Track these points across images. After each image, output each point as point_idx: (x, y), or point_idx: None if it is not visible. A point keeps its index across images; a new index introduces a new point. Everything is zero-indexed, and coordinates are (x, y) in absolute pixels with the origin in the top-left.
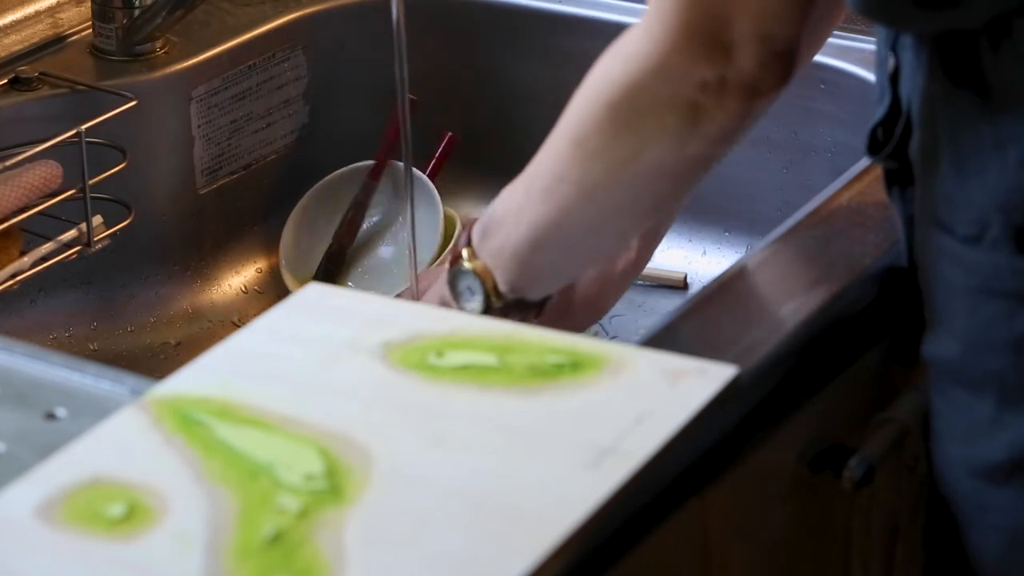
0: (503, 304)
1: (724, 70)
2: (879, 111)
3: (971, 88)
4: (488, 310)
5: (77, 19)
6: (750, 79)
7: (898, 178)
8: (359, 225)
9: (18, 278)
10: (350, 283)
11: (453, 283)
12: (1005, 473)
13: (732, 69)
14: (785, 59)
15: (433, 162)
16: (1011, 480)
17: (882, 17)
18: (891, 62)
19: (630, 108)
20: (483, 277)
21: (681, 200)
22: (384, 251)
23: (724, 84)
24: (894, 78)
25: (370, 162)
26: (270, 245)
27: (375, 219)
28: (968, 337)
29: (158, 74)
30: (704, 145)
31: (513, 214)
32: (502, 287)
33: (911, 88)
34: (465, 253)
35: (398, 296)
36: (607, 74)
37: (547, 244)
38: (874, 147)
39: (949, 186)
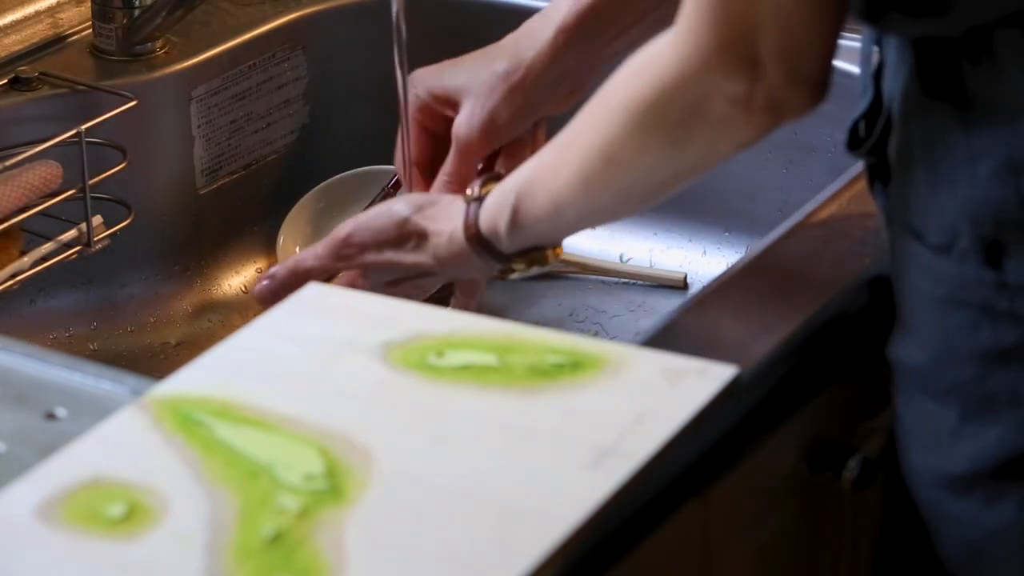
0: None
1: (753, 86)
2: (861, 105)
3: (948, 97)
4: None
5: (77, 19)
6: (778, 97)
7: (880, 174)
8: None
9: (18, 278)
10: None
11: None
12: (966, 484)
13: (760, 86)
14: (814, 80)
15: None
16: (972, 491)
17: (865, 18)
18: (875, 58)
19: (660, 121)
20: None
21: None
22: None
23: (753, 100)
24: (877, 74)
25: (373, 167)
26: (270, 245)
27: None
28: (934, 346)
29: (158, 74)
30: (731, 152)
31: (546, 219)
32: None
33: (893, 86)
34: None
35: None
36: (634, 87)
37: (571, 228)
38: (854, 142)
39: (921, 193)
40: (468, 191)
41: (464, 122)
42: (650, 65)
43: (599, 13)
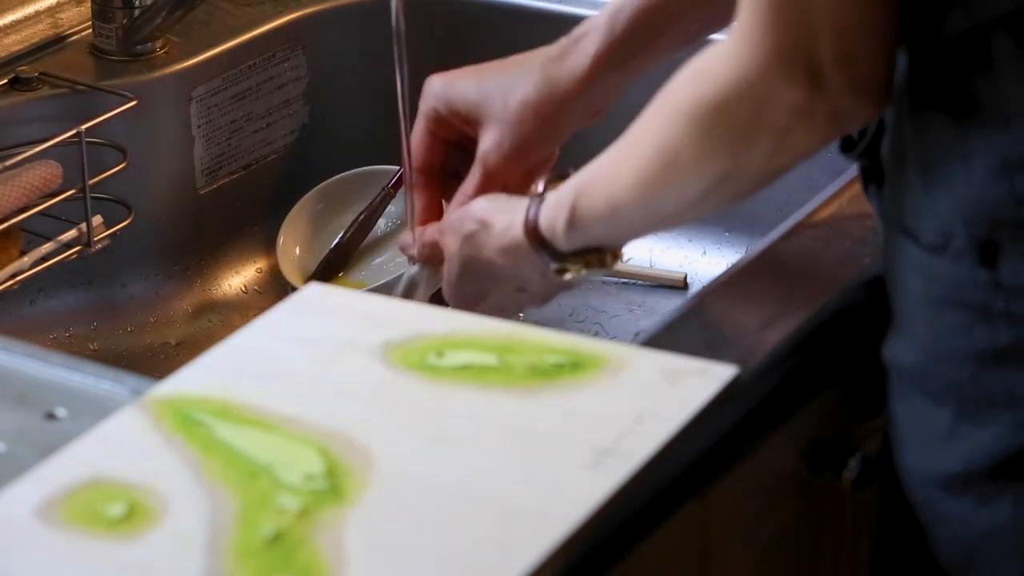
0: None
1: (814, 95)
2: None
3: (942, 98)
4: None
5: (77, 19)
6: (839, 104)
7: (874, 176)
8: (371, 227)
9: (18, 278)
10: (349, 277)
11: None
12: (961, 484)
13: (822, 95)
14: (875, 86)
15: None
16: (967, 491)
17: None
18: None
19: (720, 128)
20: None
21: None
22: (386, 254)
23: (813, 108)
24: None
25: (373, 167)
26: (270, 245)
27: (382, 223)
28: (928, 346)
29: (158, 74)
30: (795, 159)
31: (603, 220)
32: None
33: None
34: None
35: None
36: (694, 93)
37: (629, 232)
38: (847, 144)
39: (915, 193)
40: (532, 187)
41: (493, 150)
42: (709, 71)
43: (634, 42)
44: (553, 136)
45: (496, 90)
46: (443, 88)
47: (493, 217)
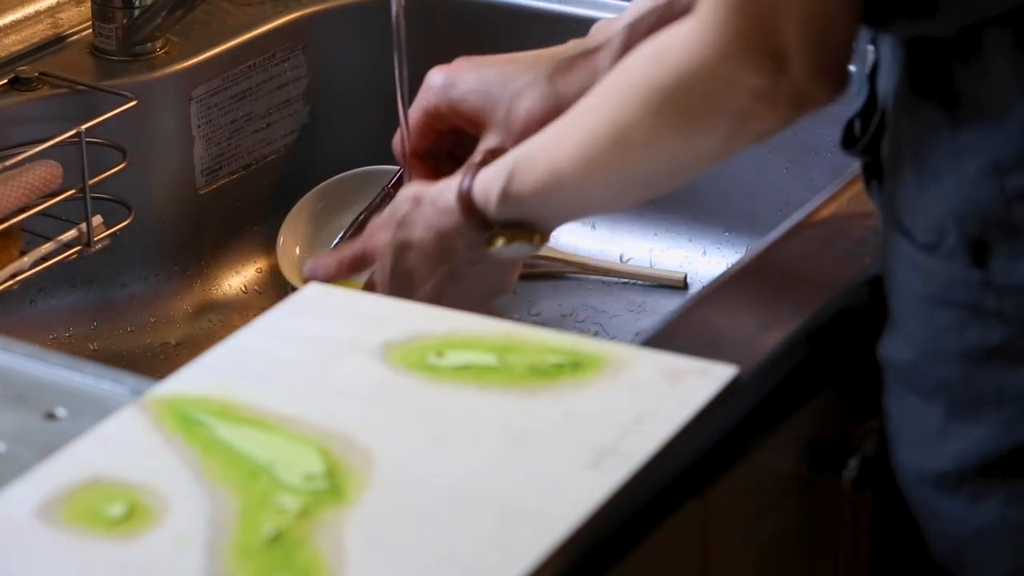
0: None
1: (777, 79)
2: (855, 104)
3: (937, 96)
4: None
5: (77, 19)
6: (801, 89)
7: (875, 173)
8: None
9: (18, 278)
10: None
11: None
12: (953, 482)
13: (784, 78)
14: (837, 71)
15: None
16: (958, 489)
17: (873, 23)
18: (870, 56)
19: (678, 109)
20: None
21: None
22: None
23: (776, 92)
24: (873, 73)
25: (373, 167)
26: (270, 245)
27: None
28: (921, 344)
29: (158, 74)
30: (748, 143)
31: (540, 191)
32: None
33: (887, 85)
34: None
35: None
36: (652, 72)
37: (564, 209)
38: (849, 140)
39: (910, 191)
40: (470, 158)
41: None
42: (670, 51)
43: None
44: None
45: (501, 96)
46: (445, 86)
47: (426, 191)
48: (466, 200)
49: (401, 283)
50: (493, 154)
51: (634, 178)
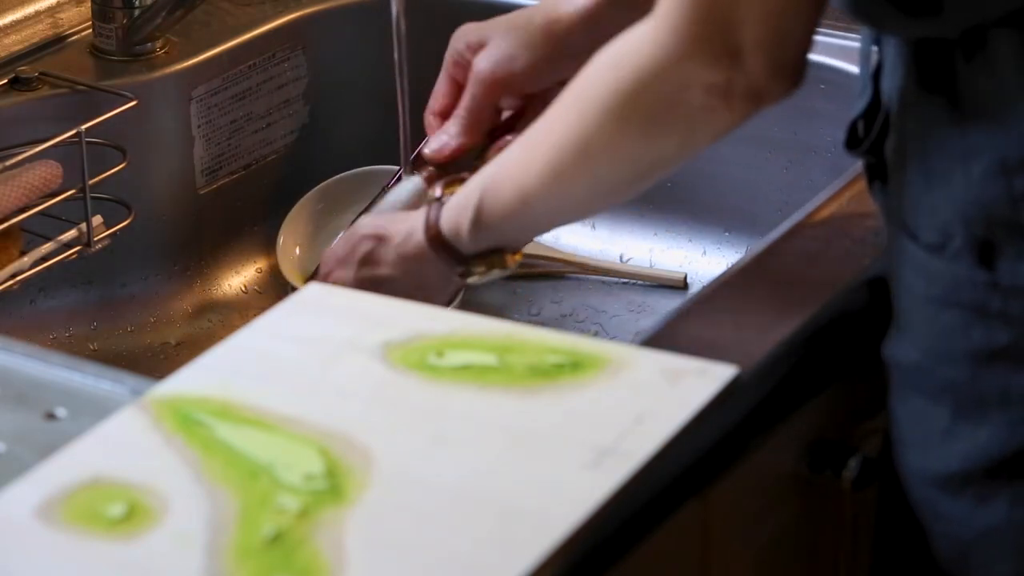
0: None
1: (733, 75)
2: (859, 105)
3: (943, 96)
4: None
5: (77, 19)
6: (758, 85)
7: (878, 173)
8: None
9: (18, 278)
10: None
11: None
12: (958, 483)
13: (741, 74)
14: (793, 66)
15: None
16: (964, 490)
17: (863, 18)
18: (874, 57)
19: (637, 111)
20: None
21: None
22: None
23: (732, 88)
24: (876, 73)
25: (373, 167)
26: (270, 245)
27: None
28: (927, 345)
29: (158, 74)
30: (709, 141)
31: (512, 215)
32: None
33: (891, 85)
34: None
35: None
36: (610, 80)
37: (538, 225)
38: (853, 141)
39: (916, 191)
40: (430, 192)
41: (484, 56)
42: (626, 57)
43: None
44: (548, 61)
45: (511, 21)
46: (468, 30)
47: (389, 228)
48: (437, 238)
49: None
50: (451, 184)
51: (600, 187)
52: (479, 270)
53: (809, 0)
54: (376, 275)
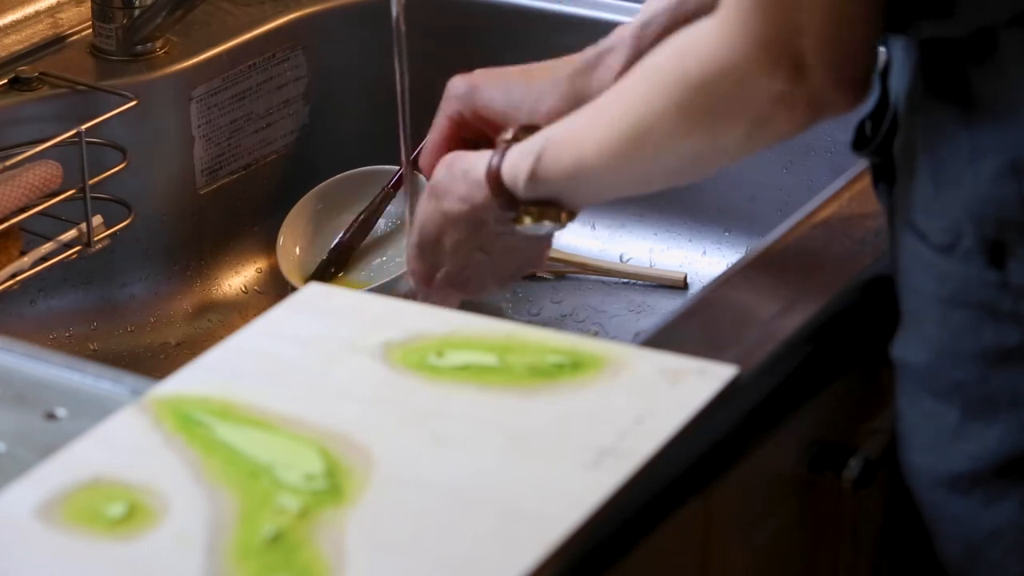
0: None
1: (796, 86)
2: (867, 104)
3: (952, 96)
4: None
5: (77, 19)
6: (820, 95)
7: (884, 174)
8: (371, 227)
9: (18, 278)
10: (349, 277)
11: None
12: (967, 484)
13: (803, 86)
14: (857, 80)
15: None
16: (972, 491)
17: (893, 28)
18: (882, 57)
19: (700, 106)
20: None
21: None
22: (386, 254)
23: (795, 98)
24: (884, 73)
25: (373, 167)
26: (270, 245)
27: (382, 224)
28: (936, 345)
29: (158, 74)
30: (771, 142)
31: (566, 177)
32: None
33: (899, 85)
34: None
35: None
36: (675, 70)
37: (589, 194)
38: (860, 141)
39: (925, 192)
40: (502, 134)
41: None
42: (693, 48)
43: None
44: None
45: (524, 100)
46: (468, 92)
47: (458, 160)
48: (495, 178)
49: (431, 250)
50: (526, 131)
51: (658, 169)
52: (529, 218)
53: (869, 9)
54: (439, 208)
